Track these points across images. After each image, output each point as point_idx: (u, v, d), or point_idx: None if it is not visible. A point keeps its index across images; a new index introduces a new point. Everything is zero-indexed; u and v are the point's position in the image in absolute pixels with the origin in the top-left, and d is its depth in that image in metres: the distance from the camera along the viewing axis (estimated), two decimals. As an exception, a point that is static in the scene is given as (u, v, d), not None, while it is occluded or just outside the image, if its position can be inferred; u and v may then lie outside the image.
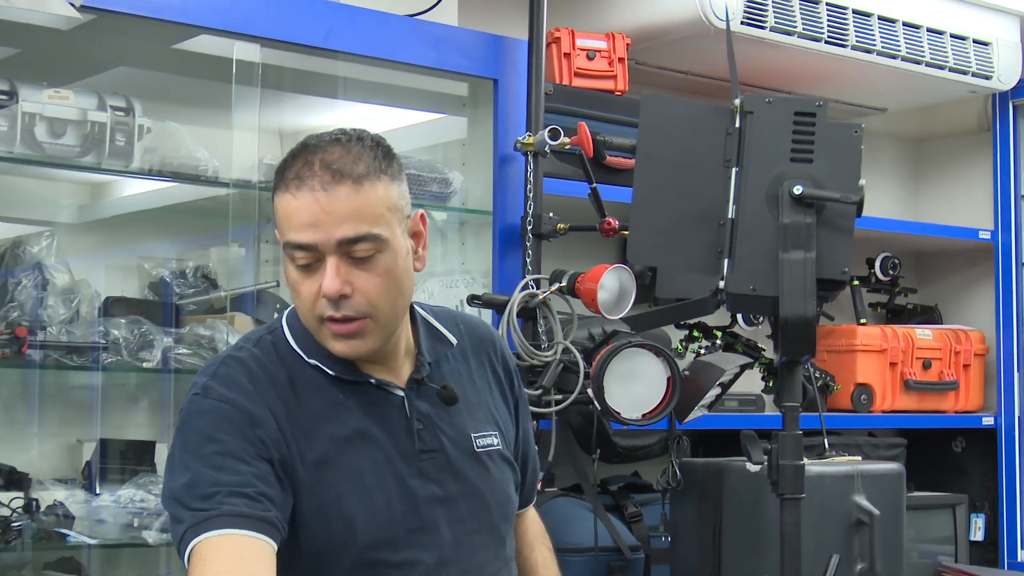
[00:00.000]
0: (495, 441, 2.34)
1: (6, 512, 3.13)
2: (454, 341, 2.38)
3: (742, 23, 3.92)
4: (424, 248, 2.28)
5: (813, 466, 3.10)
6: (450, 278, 3.70)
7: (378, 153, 2.18)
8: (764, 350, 4.07)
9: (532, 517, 2.58)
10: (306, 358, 2.24)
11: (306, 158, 2.17)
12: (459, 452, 2.25)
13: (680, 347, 3.99)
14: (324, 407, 2.21)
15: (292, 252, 2.16)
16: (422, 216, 2.28)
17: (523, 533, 2.53)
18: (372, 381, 2.24)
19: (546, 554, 2.57)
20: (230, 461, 2.08)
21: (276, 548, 2.05)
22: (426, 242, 2.29)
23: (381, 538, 2.17)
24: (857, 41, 4.20)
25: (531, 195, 3.54)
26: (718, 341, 4.04)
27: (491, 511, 2.26)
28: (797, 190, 2.19)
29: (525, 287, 3.41)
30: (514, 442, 2.43)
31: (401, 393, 2.25)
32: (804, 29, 4.07)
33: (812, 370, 4.29)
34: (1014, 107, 4.94)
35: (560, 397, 3.33)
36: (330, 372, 2.23)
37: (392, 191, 2.19)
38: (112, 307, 3.42)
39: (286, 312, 2.33)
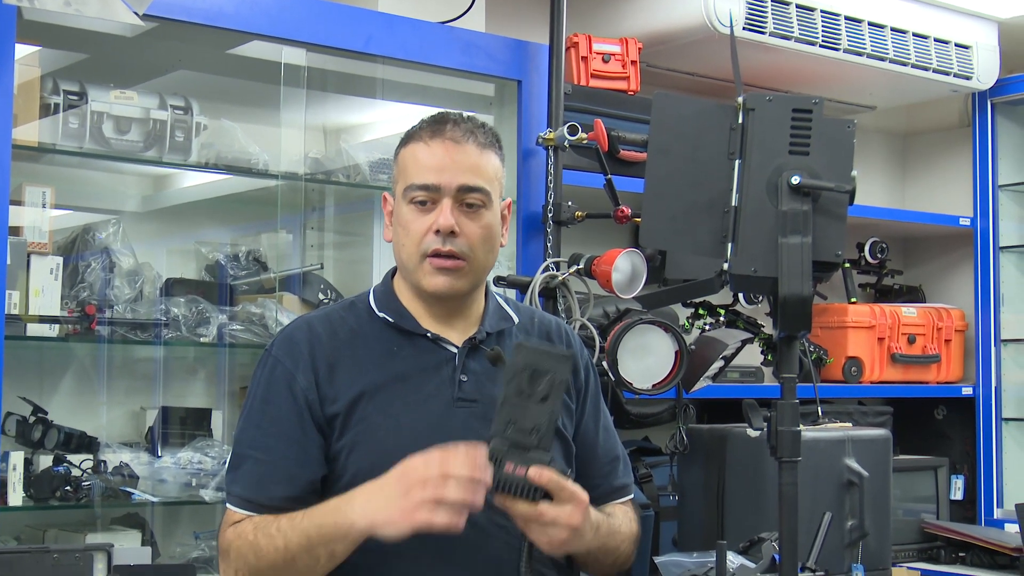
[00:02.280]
0: None
1: (77, 472, 3.13)
2: (516, 320, 2.43)
3: (744, 29, 3.90)
4: (507, 231, 2.42)
5: (808, 432, 3.08)
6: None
7: (494, 135, 2.37)
8: (763, 326, 4.05)
9: (621, 512, 2.44)
10: (377, 312, 2.35)
11: (439, 120, 2.32)
12: (494, 408, 2.26)
13: (687, 323, 3.98)
14: (378, 353, 2.30)
15: (414, 192, 2.28)
16: (509, 204, 2.42)
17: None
18: (428, 335, 2.32)
19: (620, 517, 2.41)
20: (267, 421, 2.26)
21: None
22: (508, 227, 2.43)
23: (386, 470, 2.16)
24: (849, 45, 4.17)
25: (552, 186, 3.53)
26: (721, 318, 4.02)
27: None
28: (795, 180, 2.17)
29: (546, 269, 3.40)
30: (573, 423, 2.42)
31: (454, 349, 2.32)
32: (801, 34, 4.04)
33: (807, 345, 4.28)
34: (992, 105, 4.91)
35: (578, 369, 3.32)
36: (392, 322, 2.33)
37: (500, 168, 2.36)
38: (172, 287, 3.43)
39: (376, 284, 2.42)
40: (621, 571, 2.43)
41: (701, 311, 4.01)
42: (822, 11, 4.10)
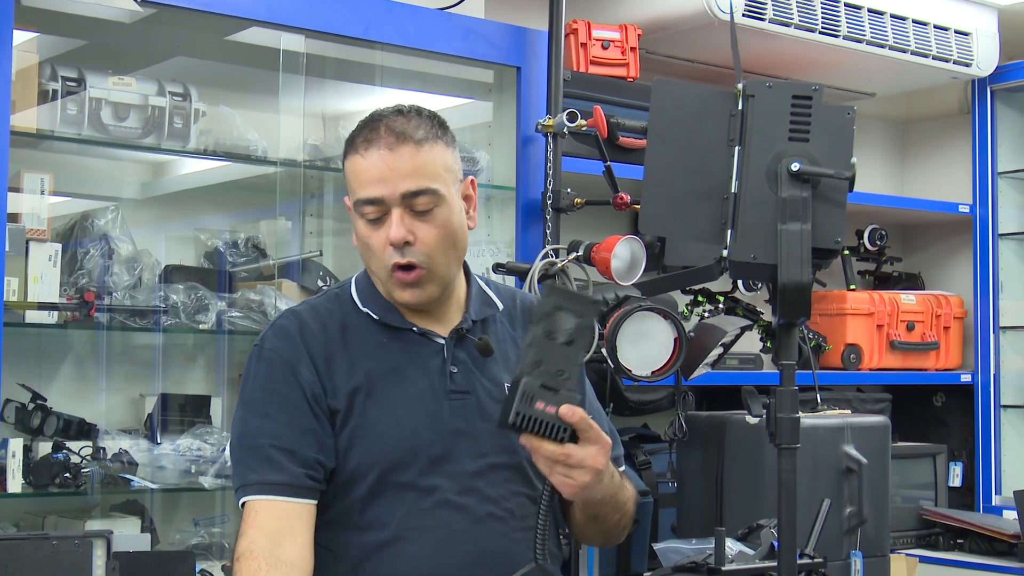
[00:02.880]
0: None
1: (77, 459, 3.13)
2: (500, 306, 2.41)
3: (744, 15, 3.89)
4: (474, 209, 2.37)
5: (807, 419, 3.08)
6: (477, 247, 3.69)
7: (434, 123, 2.27)
8: (763, 313, 4.05)
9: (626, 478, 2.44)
10: (360, 306, 2.32)
11: (372, 126, 2.24)
12: (490, 397, 2.27)
13: (686, 310, 3.98)
14: (369, 347, 2.28)
15: (362, 208, 2.23)
16: (472, 182, 2.36)
17: None
18: (414, 329, 2.31)
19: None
20: (274, 408, 2.21)
21: (314, 502, 2.19)
22: (476, 205, 2.37)
23: (405, 461, 2.20)
24: (848, 32, 4.17)
25: (551, 172, 3.53)
26: (721, 305, 4.02)
27: (518, 451, 2.21)
28: (794, 167, 2.17)
29: (545, 256, 3.40)
30: None
31: (442, 341, 2.30)
32: (800, 21, 4.04)
33: (806, 332, 4.28)
34: (992, 92, 4.91)
35: (577, 356, 3.32)
36: (376, 318, 2.30)
37: (447, 155, 2.28)
38: (171, 274, 3.42)
39: (356, 275, 2.40)
40: (621, 537, 2.43)
41: (700, 298, 4.01)
42: (822, -2, 4.10)
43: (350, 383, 2.24)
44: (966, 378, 4.89)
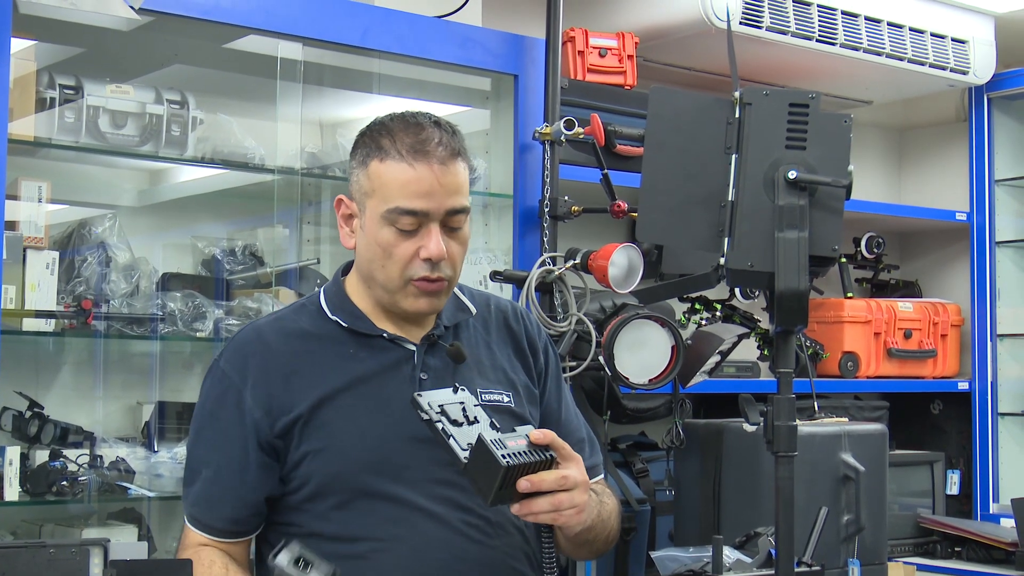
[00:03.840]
0: (504, 399, 2.33)
1: (74, 467, 3.13)
2: (473, 311, 2.40)
3: (741, 23, 3.90)
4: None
5: (804, 426, 3.09)
6: (474, 255, 3.69)
7: (462, 138, 2.29)
8: (760, 321, 4.05)
9: (600, 487, 2.43)
10: (329, 315, 2.30)
11: (417, 133, 2.20)
12: None
13: (683, 318, 3.98)
14: (336, 356, 2.27)
15: (399, 217, 2.19)
16: None
17: None
18: (384, 335, 2.29)
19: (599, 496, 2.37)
20: (219, 439, 2.26)
21: (244, 539, 2.28)
22: None
23: (373, 470, 2.19)
24: (846, 39, 4.17)
25: (548, 180, 3.53)
26: (718, 313, 4.02)
27: None
28: (791, 174, 2.17)
29: (542, 264, 3.40)
30: (539, 408, 2.41)
31: (413, 347, 2.29)
32: (797, 28, 4.04)
33: (804, 339, 4.28)
34: (988, 100, 4.91)
35: (574, 363, 3.33)
36: (346, 326, 2.29)
37: (468, 172, 2.29)
38: (169, 282, 3.42)
39: (325, 284, 2.39)
40: (609, 548, 2.43)
41: (698, 306, 4.01)
42: (819, 6, 4.10)
43: (313, 394, 2.23)
44: (963, 386, 4.89)
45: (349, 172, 2.32)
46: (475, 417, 2.06)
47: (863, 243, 4.89)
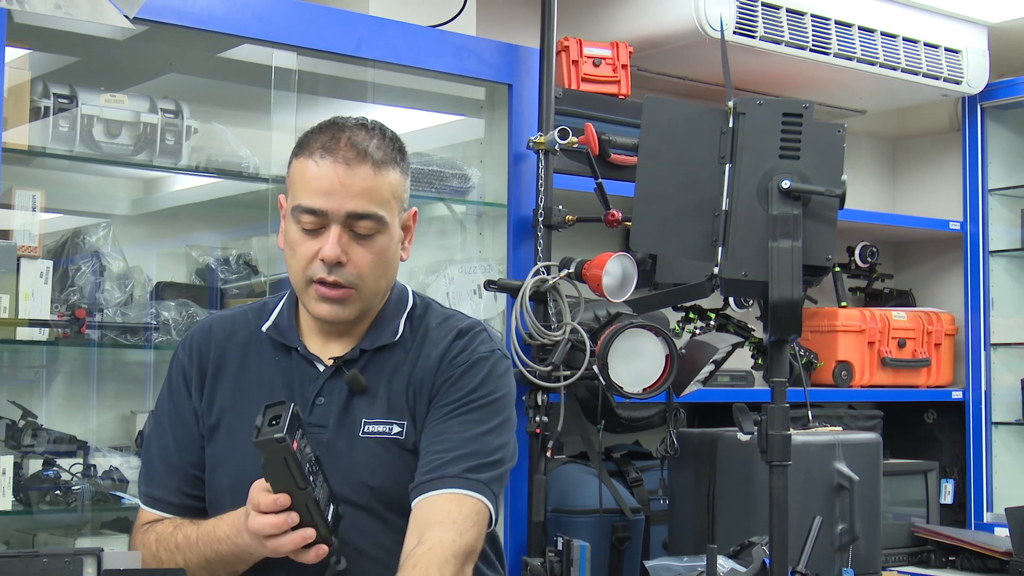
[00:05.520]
0: (393, 430, 2.22)
1: (67, 476, 3.13)
2: (399, 333, 2.28)
3: (735, 33, 3.91)
4: (410, 242, 2.30)
5: (799, 436, 3.09)
6: (468, 264, 3.69)
7: (395, 146, 2.22)
8: (754, 330, 4.05)
9: (430, 505, 2.13)
10: (271, 321, 2.30)
11: (334, 133, 2.18)
12: (341, 433, 2.20)
13: (677, 327, 3.98)
14: (263, 363, 2.27)
15: (301, 215, 2.16)
16: (414, 214, 2.30)
17: (413, 518, 2.15)
18: (298, 349, 2.26)
19: (416, 548, 2.08)
20: (170, 420, 2.30)
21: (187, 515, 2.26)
22: (412, 237, 2.30)
23: (246, 490, 2.08)
24: (839, 49, 4.18)
25: (542, 189, 3.53)
26: (712, 322, 4.02)
27: (365, 491, 2.16)
28: (785, 184, 2.18)
29: (537, 273, 3.40)
30: (417, 430, 2.25)
31: (322, 368, 2.25)
32: (791, 38, 4.05)
33: (798, 348, 4.28)
34: (982, 109, 4.92)
35: (568, 373, 3.33)
36: (274, 336, 2.28)
37: (399, 182, 2.22)
38: (163, 291, 3.42)
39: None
40: None
41: (692, 315, 4.01)
42: (812, 15, 4.11)
43: (225, 400, 2.25)
44: (957, 395, 4.89)
45: None
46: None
47: (857, 252, 4.89)
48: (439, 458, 2.16)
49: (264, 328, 2.30)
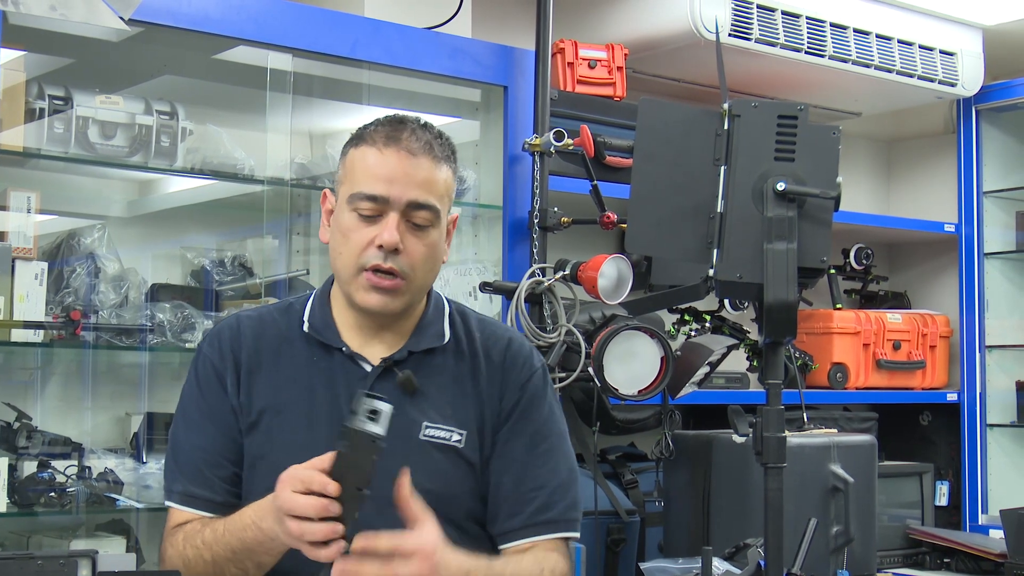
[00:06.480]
0: (453, 438, 2.24)
1: (62, 478, 3.12)
2: (446, 338, 2.31)
3: (730, 35, 3.91)
4: (449, 245, 2.32)
5: (794, 438, 3.09)
6: (464, 266, 3.69)
7: (450, 147, 2.28)
8: (749, 332, 4.06)
9: (533, 557, 2.22)
10: (305, 320, 2.30)
11: (396, 126, 2.22)
12: (396, 434, 2.08)
13: (673, 329, 3.98)
14: (299, 363, 2.26)
15: (360, 202, 2.18)
16: (455, 219, 2.33)
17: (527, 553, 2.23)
18: (343, 350, 2.26)
19: (524, 563, 2.19)
20: (204, 419, 2.27)
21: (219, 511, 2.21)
22: (451, 241, 2.33)
23: None
24: (834, 51, 4.18)
25: (537, 191, 3.53)
26: (707, 324, 4.03)
27: (418, 495, 2.07)
28: (780, 186, 2.18)
29: (532, 275, 3.40)
30: (485, 450, 2.27)
31: (369, 368, 2.25)
32: (786, 40, 4.05)
33: (793, 351, 4.28)
34: (977, 112, 4.92)
35: (564, 375, 3.33)
36: (313, 335, 2.27)
37: (451, 182, 2.27)
38: (158, 293, 3.42)
39: (319, 287, 2.37)
40: None
41: (687, 317, 4.02)
42: (808, 18, 4.11)
43: (264, 399, 2.23)
44: (952, 397, 4.90)
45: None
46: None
47: (852, 254, 4.90)
48: (536, 495, 2.25)
49: (305, 328, 2.28)
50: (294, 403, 2.21)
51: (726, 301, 4.08)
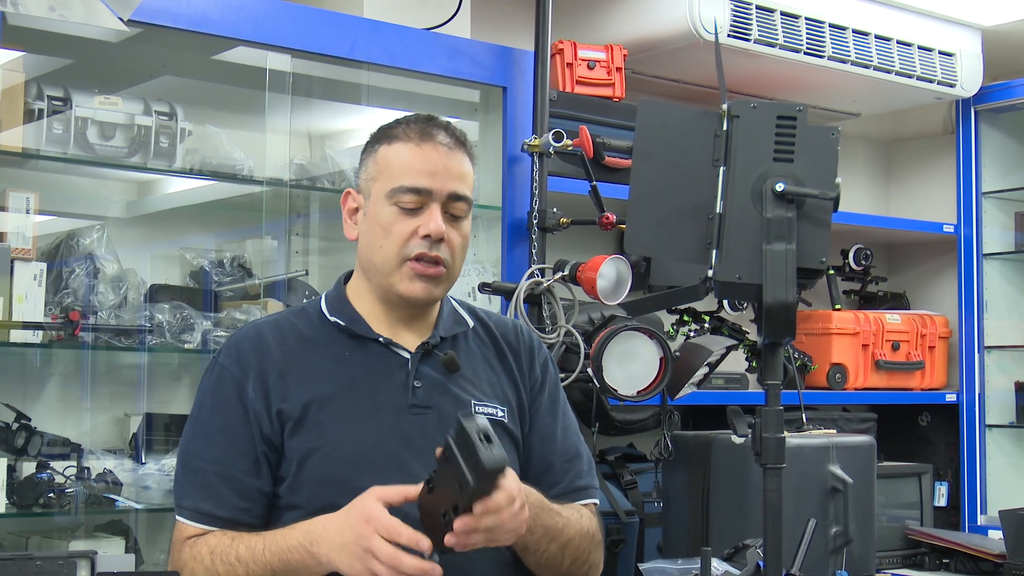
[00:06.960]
0: (499, 413, 2.34)
1: (61, 479, 3.12)
2: (471, 324, 2.42)
3: (729, 36, 3.91)
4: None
5: (793, 438, 3.09)
6: (463, 267, 3.69)
7: (470, 144, 2.36)
8: (748, 333, 4.06)
9: (573, 508, 2.37)
10: (328, 316, 2.33)
11: (428, 123, 2.31)
12: (452, 414, 2.21)
13: (672, 330, 3.98)
14: (329, 359, 2.29)
15: (402, 196, 2.25)
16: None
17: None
18: (380, 339, 2.30)
19: (574, 515, 2.34)
20: (217, 431, 2.23)
21: (237, 528, 2.21)
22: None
23: (361, 471, 2.17)
24: (833, 52, 4.19)
25: (537, 192, 3.53)
26: (706, 325, 4.03)
27: None
28: (779, 187, 2.18)
29: (531, 275, 3.40)
30: (526, 422, 2.40)
31: (407, 355, 2.30)
32: (785, 41, 4.05)
33: (792, 351, 4.28)
34: (975, 112, 4.92)
35: (563, 375, 3.32)
36: (343, 326, 2.31)
37: (473, 179, 2.34)
38: (157, 294, 3.42)
39: (327, 291, 2.41)
40: (576, 569, 2.34)
41: (686, 318, 4.01)
42: (807, 18, 4.11)
43: (305, 395, 2.24)
44: (951, 397, 4.90)
45: (358, 169, 2.38)
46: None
47: (851, 255, 4.90)
48: (571, 465, 2.40)
49: (342, 323, 2.32)
50: (337, 396, 2.24)
51: (725, 302, 4.08)
